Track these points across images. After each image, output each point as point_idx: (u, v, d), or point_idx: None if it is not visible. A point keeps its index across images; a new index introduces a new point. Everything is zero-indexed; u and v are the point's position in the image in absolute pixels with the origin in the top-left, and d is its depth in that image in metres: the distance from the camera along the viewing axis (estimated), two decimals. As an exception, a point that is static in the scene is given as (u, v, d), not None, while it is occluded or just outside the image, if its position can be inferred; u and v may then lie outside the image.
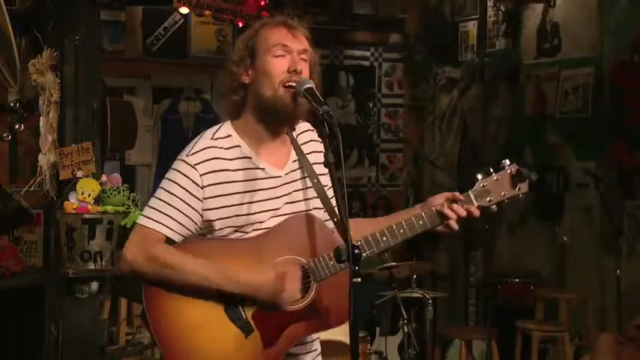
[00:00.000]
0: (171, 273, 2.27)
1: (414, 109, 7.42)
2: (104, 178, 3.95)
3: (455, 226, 2.37)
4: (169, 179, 2.35)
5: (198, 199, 2.31)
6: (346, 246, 2.07)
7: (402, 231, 2.35)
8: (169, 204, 2.32)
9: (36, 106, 3.96)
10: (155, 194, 2.37)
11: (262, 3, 5.07)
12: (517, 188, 2.42)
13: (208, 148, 2.34)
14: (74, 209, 3.82)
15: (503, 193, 2.41)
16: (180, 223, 2.32)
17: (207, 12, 4.75)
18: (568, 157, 6.09)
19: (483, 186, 2.41)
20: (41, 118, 3.92)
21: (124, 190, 3.92)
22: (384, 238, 2.34)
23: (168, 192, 2.33)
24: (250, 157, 2.36)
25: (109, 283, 4.02)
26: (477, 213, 2.39)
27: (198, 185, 2.31)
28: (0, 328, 3.96)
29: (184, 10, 4.67)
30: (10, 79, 3.92)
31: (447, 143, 7.11)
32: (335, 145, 2.27)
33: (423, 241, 7.13)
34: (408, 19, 7.27)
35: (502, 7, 6.59)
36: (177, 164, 2.35)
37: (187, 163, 2.33)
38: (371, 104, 7.33)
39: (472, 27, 6.91)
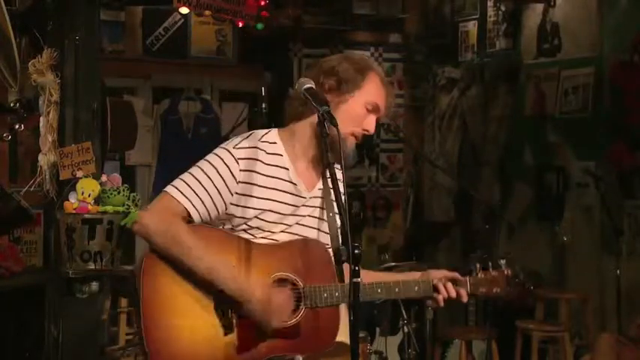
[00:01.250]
0: (179, 251, 2.25)
1: (414, 109, 7.42)
2: (104, 178, 3.95)
3: (441, 302, 2.54)
4: (209, 162, 2.35)
5: (230, 191, 2.32)
6: (346, 247, 2.08)
7: (397, 290, 2.48)
8: (202, 185, 2.32)
9: (36, 106, 3.96)
10: (190, 170, 2.36)
11: (262, 3, 5.07)
12: (509, 288, 2.67)
13: (254, 147, 2.36)
14: (74, 209, 3.82)
15: (495, 290, 2.64)
16: (205, 207, 2.32)
17: (207, 12, 4.75)
18: (568, 157, 6.09)
19: (481, 278, 2.62)
20: (41, 118, 3.92)
21: (124, 190, 3.92)
22: (379, 290, 2.45)
23: (205, 174, 2.33)
24: (288, 169, 2.39)
25: (108, 283, 4.02)
26: (465, 299, 2.57)
27: (235, 178, 2.32)
28: (0, 328, 3.96)
29: (184, 10, 4.66)
30: (10, 79, 3.92)
31: (447, 143, 7.11)
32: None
33: (424, 242, 7.13)
34: (408, 19, 7.26)
35: (502, 7, 6.58)
36: (220, 151, 2.36)
37: (232, 155, 2.34)
38: (371, 104, 7.31)
39: (472, 27, 6.90)
